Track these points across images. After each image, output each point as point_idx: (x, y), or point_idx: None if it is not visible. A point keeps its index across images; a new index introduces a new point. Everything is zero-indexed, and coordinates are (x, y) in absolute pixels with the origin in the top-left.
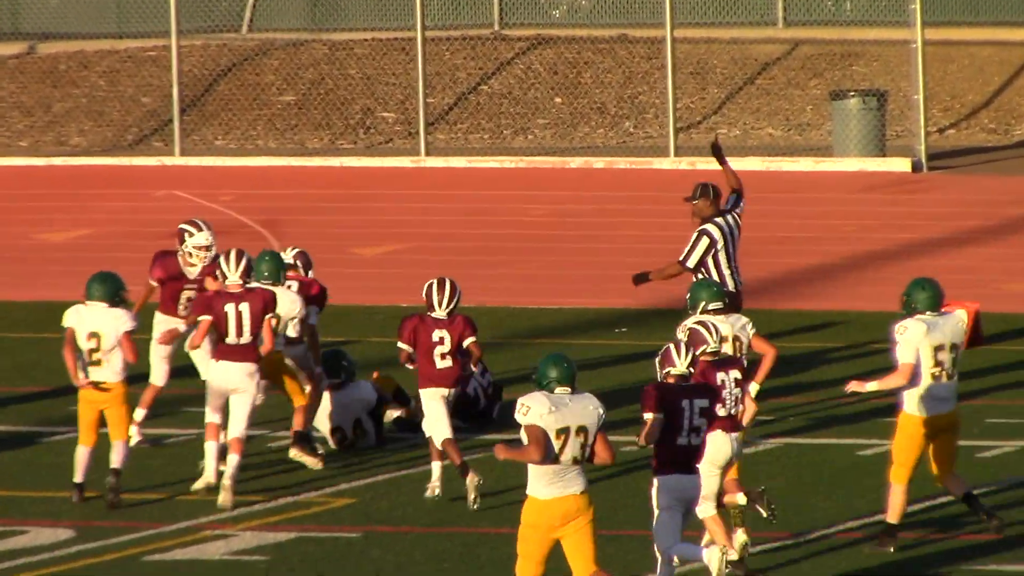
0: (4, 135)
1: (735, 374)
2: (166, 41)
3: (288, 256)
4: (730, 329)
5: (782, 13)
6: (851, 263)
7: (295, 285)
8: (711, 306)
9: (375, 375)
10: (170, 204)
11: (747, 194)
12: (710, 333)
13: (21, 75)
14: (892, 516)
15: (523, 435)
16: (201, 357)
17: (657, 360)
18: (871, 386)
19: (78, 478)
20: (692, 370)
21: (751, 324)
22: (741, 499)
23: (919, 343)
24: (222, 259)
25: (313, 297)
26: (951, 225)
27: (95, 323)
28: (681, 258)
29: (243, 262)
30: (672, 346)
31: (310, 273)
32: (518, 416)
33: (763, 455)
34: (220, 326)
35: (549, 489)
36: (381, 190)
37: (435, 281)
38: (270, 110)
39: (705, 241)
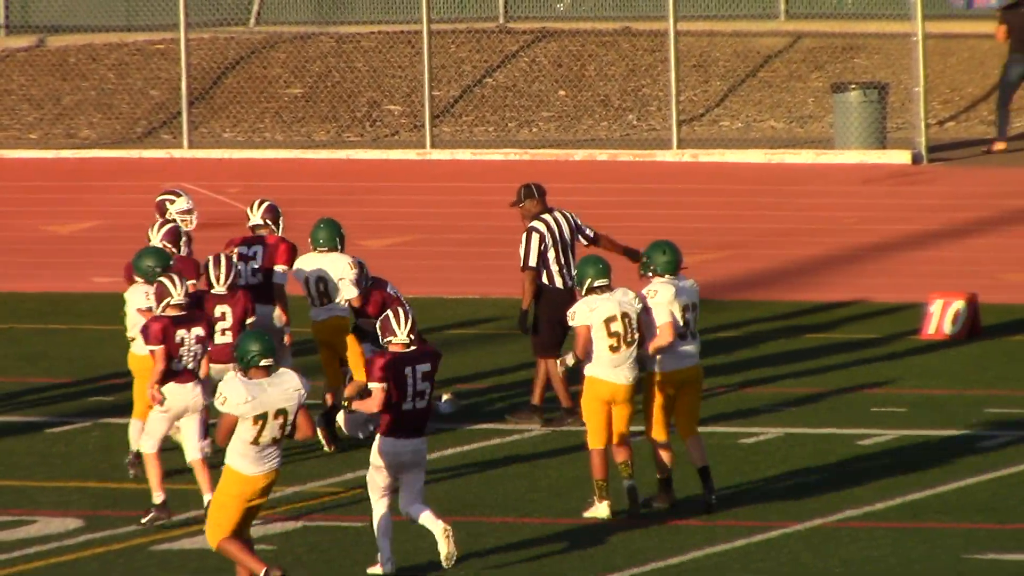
0: (14, 128)
1: None
2: (174, 34)
3: (255, 214)
4: (617, 307)
5: (784, 6)
6: (852, 254)
7: (259, 250)
8: (597, 283)
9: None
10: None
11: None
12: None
13: (31, 68)
14: (662, 472)
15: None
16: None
17: (378, 327)
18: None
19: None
20: (412, 337)
21: (638, 299)
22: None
23: (671, 304)
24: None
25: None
26: (951, 216)
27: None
28: (521, 265)
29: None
30: (391, 314)
31: (280, 230)
32: (217, 404)
33: (764, 445)
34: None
35: (252, 467)
36: (387, 182)
37: (211, 257)
38: (277, 103)
39: (536, 237)
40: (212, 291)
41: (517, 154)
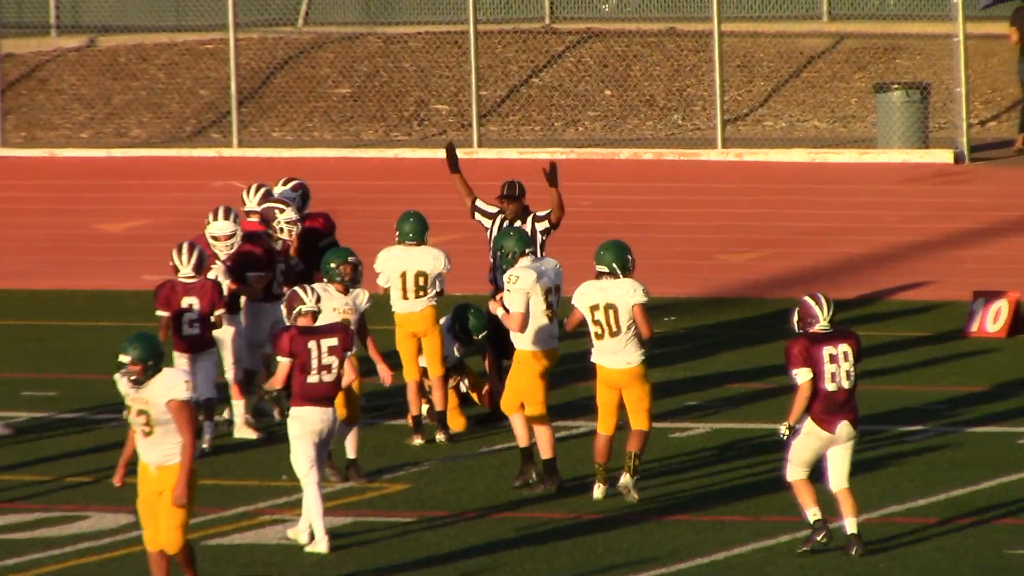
0: (66, 127)
1: None
2: (224, 34)
3: (251, 199)
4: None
5: (827, 7)
6: (894, 253)
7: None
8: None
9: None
10: (228, 195)
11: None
12: None
13: (82, 68)
14: (545, 452)
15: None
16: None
17: (283, 305)
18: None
19: (351, 454)
20: (320, 307)
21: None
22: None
23: (531, 289)
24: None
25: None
26: (993, 215)
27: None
28: None
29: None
30: (299, 288)
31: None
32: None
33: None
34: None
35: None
36: (434, 181)
37: (181, 244)
38: (326, 102)
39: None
40: (179, 278)
41: (563, 153)
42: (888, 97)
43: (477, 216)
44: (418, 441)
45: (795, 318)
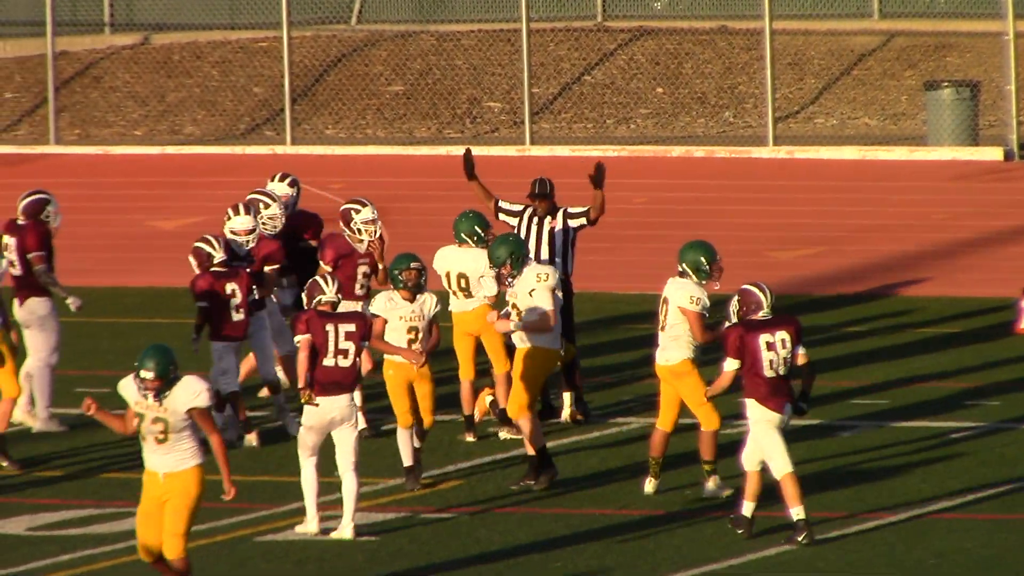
0: (120, 124)
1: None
2: (277, 32)
3: (280, 185)
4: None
5: (877, 5)
6: (945, 250)
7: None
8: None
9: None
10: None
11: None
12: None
13: (136, 65)
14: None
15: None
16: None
17: (304, 294)
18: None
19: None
20: (340, 297)
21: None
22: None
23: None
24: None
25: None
26: None
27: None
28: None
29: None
30: (319, 278)
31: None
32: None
33: (858, 438)
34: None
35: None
36: (487, 178)
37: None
38: (379, 100)
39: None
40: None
41: (615, 150)
42: (938, 95)
43: (501, 216)
44: (470, 438)
45: (734, 307)
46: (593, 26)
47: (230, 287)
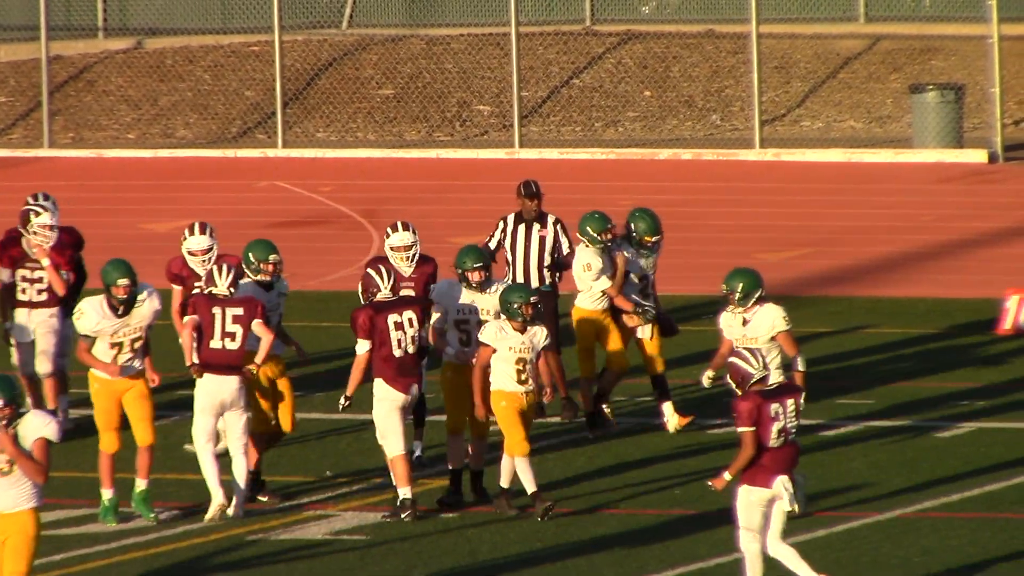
0: (113, 128)
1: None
2: (269, 36)
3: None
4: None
5: (863, 9)
6: (929, 251)
7: None
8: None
9: None
10: (273, 195)
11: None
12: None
13: (129, 69)
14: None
15: None
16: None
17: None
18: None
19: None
20: (232, 291)
21: None
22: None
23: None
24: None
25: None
26: None
27: None
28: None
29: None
30: (214, 267)
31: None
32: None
33: (843, 437)
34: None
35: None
36: (477, 181)
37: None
38: (369, 103)
39: (499, 225)
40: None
41: (603, 153)
42: (923, 98)
43: (501, 243)
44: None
45: (359, 288)
46: (581, 30)
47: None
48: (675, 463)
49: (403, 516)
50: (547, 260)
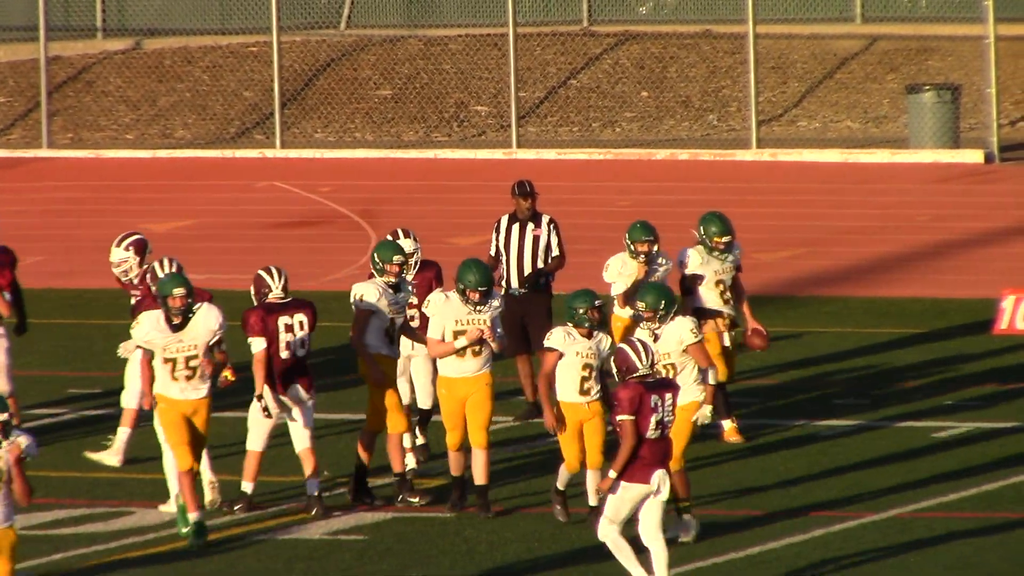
0: (111, 128)
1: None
2: (267, 37)
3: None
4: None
5: (860, 9)
6: (926, 251)
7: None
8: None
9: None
10: (271, 195)
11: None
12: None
13: (127, 70)
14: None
15: None
16: None
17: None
18: None
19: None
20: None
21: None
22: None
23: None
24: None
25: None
26: (1022, 214)
27: None
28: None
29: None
30: (156, 263)
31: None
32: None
33: (841, 438)
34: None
35: None
36: (474, 181)
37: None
38: (367, 104)
39: (495, 227)
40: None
41: (600, 154)
42: (920, 98)
43: (498, 246)
44: None
45: (252, 290)
46: (579, 31)
47: None
48: None
49: (235, 508)
50: (541, 259)
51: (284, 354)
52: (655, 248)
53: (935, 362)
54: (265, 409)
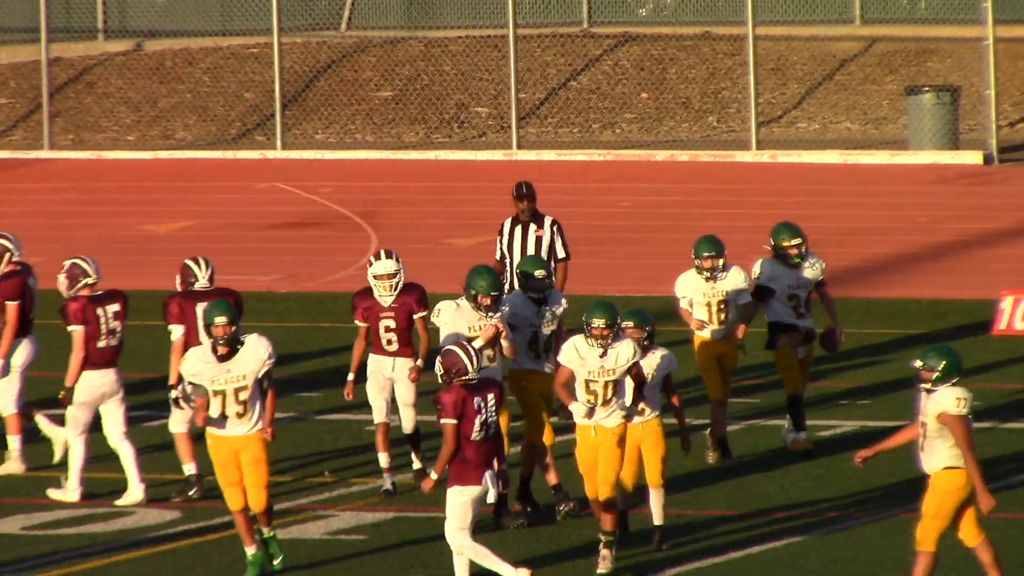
0: (112, 129)
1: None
2: (268, 39)
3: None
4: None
5: (859, 11)
6: (925, 252)
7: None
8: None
9: None
10: (272, 196)
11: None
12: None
13: (129, 71)
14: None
15: None
16: None
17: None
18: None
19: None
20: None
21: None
22: None
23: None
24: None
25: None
26: (1021, 216)
27: None
28: (567, 256)
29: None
30: (80, 260)
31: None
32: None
33: (840, 438)
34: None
35: None
36: (474, 182)
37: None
38: (368, 105)
39: (499, 230)
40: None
41: (600, 155)
42: (919, 99)
43: (502, 250)
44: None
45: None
46: (579, 32)
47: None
48: (671, 464)
49: (190, 493)
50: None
51: (204, 341)
52: (720, 263)
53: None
54: (176, 400)
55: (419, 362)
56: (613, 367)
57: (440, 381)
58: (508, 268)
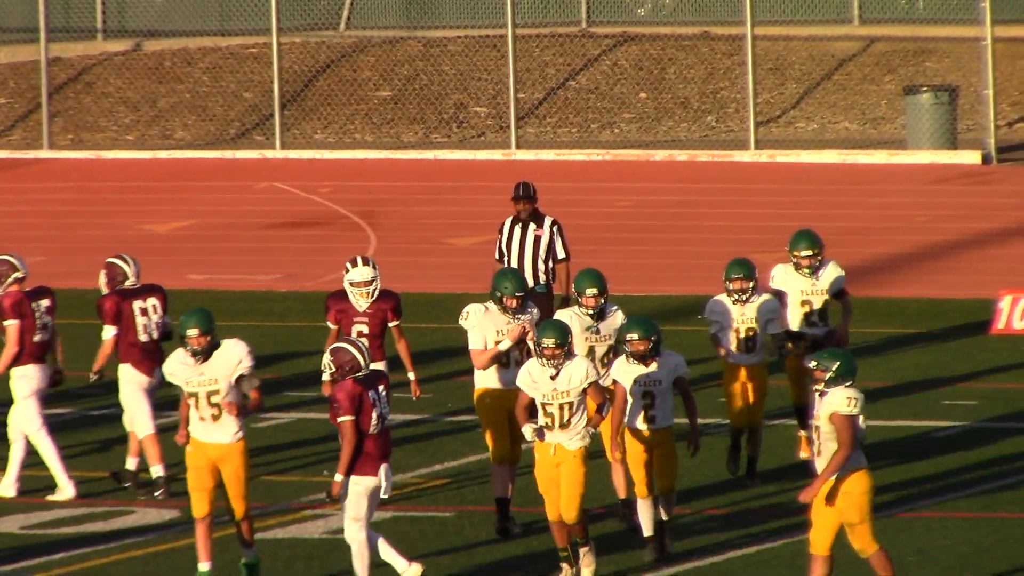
0: (111, 129)
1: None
2: (267, 38)
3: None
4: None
5: (857, 11)
6: (924, 252)
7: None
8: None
9: None
10: (271, 196)
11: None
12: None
13: (128, 71)
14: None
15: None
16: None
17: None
18: None
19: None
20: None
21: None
22: None
23: None
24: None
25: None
26: (1019, 215)
27: None
28: (566, 256)
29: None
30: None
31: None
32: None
33: None
34: None
35: None
36: (473, 182)
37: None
38: (367, 105)
39: (499, 229)
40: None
41: (599, 154)
42: (917, 99)
43: (501, 249)
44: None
45: (102, 279)
46: (578, 32)
47: None
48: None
49: (156, 494)
50: (542, 259)
51: (143, 337)
52: (750, 285)
53: (932, 362)
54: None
55: (411, 375)
56: (566, 389)
57: (330, 379)
58: (507, 265)
